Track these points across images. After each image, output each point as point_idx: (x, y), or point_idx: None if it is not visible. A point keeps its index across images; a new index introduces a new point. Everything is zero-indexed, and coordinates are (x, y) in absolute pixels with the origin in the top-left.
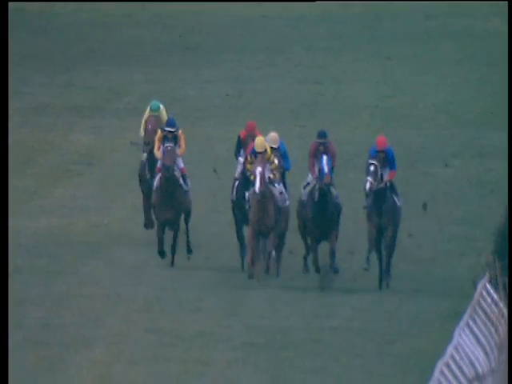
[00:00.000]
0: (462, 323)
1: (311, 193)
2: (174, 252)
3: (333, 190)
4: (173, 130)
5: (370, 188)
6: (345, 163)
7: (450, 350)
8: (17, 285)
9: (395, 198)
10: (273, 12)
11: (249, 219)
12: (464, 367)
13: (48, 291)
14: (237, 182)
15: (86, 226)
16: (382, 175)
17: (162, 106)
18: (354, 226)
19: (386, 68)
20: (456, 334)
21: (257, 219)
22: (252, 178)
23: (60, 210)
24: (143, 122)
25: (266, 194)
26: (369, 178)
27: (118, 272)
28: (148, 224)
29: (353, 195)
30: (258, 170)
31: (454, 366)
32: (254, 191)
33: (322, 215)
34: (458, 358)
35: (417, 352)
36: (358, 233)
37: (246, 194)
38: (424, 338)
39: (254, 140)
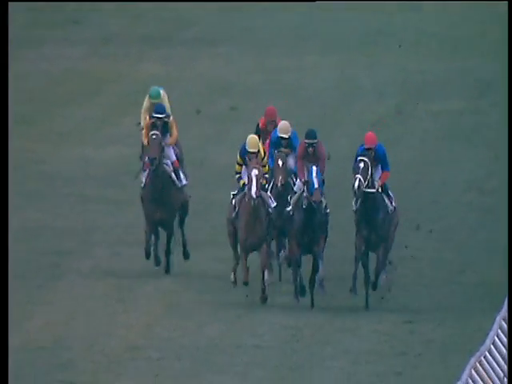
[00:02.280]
0: None
1: (297, 204)
2: (168, 256)
3: (323, 199)
4: (161, 116)
5: (359, 186)
6: (415, 93)
7: None
8: (86, 214)
9: (388, 205)
10: None
11: (237, 231)
12: None
13: (116, 221)
14: None
15: None
16: (372, 176)
17: (162, 92)
18: None
19: None
20: None
21: (247, 231)
22: (242, 182)
23: (128, 140)
24: (143, 111)
25: (258, 202)
26: (358, 176)
27: (192, 203)
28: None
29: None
30: (254, 172)
31: None
32: (250, 196)
33: (308, 222)
34: None
35: (486, 281)
36: None
37: (233, 200)
38: (493, 267)
39: (275, 127)
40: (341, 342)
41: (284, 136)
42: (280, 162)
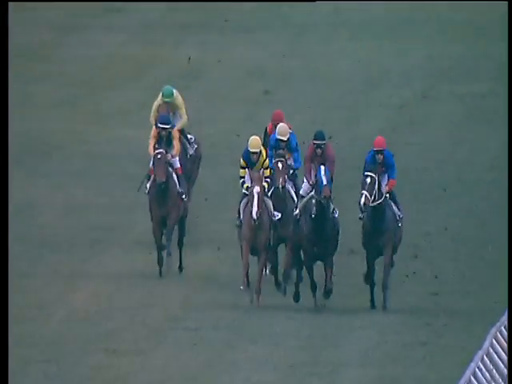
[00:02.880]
0: None
1: (306, 207)
2: (181, 248)
3: (331, 204)
4: (167, 127)
5: (365, 203)
6: (440, 76)
7: None
8: (127, 192)
9: (396, 211)
10: None
11: (242, 233)
12: None
13: None
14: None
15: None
16: (380, 187)
17: (175, 92)
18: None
19: None
20: None
21: (250, 236)
22: (246, 186)
23: None
24: (154, 109)
25: (259, 222)
26: (364, 192)
27: (224, 182)
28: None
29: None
30: (256, 189)
31: None
32: (251, 215)
33: (319, 232)
34: None
35: (507, 257)
36: None
37: (241, 204)
38: None
39: None
40: (369, 313)
41: (282, 138)
42: (280, 165)
